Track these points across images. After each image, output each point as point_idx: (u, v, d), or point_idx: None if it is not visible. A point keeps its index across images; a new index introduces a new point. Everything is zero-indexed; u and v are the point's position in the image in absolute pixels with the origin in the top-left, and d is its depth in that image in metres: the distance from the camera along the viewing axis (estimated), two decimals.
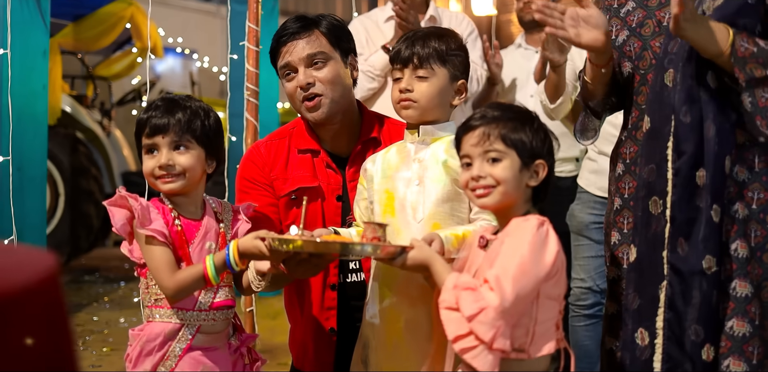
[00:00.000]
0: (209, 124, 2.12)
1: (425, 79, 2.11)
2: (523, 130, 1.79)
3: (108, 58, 7.59)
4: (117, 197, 2.02)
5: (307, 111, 2.39)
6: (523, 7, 4.03)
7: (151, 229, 1.99)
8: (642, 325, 1.93)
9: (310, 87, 2.37)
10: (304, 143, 2.47)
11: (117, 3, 6.58)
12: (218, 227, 2.14)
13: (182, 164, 2.06)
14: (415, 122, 2.16)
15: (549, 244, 1.71)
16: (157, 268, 2.00)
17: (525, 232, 1.71)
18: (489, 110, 1.84)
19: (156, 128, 2.06)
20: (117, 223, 2.01)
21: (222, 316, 2.09)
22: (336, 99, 2.38)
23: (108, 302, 5.62)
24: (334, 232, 2.15)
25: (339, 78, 2.40)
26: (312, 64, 2.38)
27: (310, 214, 2.39)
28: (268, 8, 5.01)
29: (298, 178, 2.42)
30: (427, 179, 2.10)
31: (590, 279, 3.17)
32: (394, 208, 2.13)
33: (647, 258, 1.93)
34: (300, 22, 2.42)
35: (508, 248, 1.70)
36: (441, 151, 2.11)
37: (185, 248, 2.05)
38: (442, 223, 2.06)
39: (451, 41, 2.14)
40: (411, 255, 1.82)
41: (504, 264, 1.67)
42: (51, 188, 6.25)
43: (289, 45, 2.39)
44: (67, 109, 6.63)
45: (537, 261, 1.68)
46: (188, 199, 2.12)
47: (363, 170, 2.26)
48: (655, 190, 1.92)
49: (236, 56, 3.89)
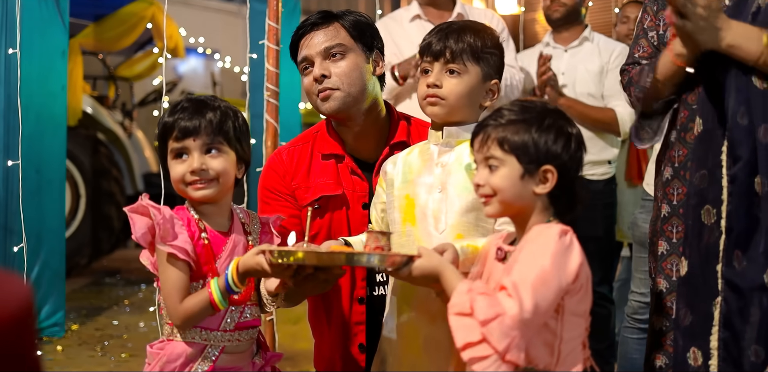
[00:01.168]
0: (239, 126, 1.97)
1: (456, 76, 1.94)
2: (527, 132, 1.60)
3: (129, 59, 7.52)
4: (138, 205, 1.87)
5: (321, 103, 2.24)
6: (550, 4, 3.89)
7: (173, 246, 1.83)
8: (694, 344, 1.77)
9: (324, 79, 2.21)
10: (328, 147, 2.31)
11: (138, 3, 6.50)
12: (246, 241, 1.98)
13: (216, 168, 1.90)
14: (440, 121, 1.99)
15: (572, 255, 1.55)
16: (168, 292, 1.85)
17: (546, 239, 1.55)
18: (499, 110, 1.67)
19: (186, 131, 1.89)
20: (138, 231, 1.85)
21: (247, 335, 1.94)
22: (353, 94, 2.22)
23: (128, 306, 5.52)
24: (345, 244, 2.00)
25: (357, 72, 2.23)
26: (329, 56, 2.23)
27: (335, 223, 2.26)
28: (289, 7, 4.89)
29: (321, 185, 2.27)
30: (450, 186, 1.93)
31: None
32: (414, 217, 1.96)
33: (699, 271, 1.77)
34: (322, 14, 2.29)
35: (528, 255, 1.54)
36: (466, 155, 1.93)
37: (212, 264, 1.90)
38: (466, 234, 1.90)
39: (487, 38, 1.98)
40: (417, 264, 1.64)
41: (523, 271, 1.51)
42: (72, 190, 6.18)
43: (307, 37, 2.26)
44: (88, 110, 6.56)
45: (559, 271, 1.51)
46: (217, 208, 1.96)
47: (383, 172, 2.11)
48: (708, 199, 1.76)
49: (256, 55, 3.78)
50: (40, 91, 4.35)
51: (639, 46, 2.17)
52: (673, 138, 2.02)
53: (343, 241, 2.02)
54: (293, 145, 2.36)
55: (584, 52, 3.84)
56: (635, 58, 2.17)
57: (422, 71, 2.00)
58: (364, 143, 2.31)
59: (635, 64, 2.16)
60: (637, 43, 2.17)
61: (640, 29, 2.18)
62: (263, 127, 3.30)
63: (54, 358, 4.12)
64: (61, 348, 4.29)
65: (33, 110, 4.27)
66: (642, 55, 2.15)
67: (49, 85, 4.42)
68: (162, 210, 1.85)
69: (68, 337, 4.54)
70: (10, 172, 3.89)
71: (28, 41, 4.16)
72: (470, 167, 1.91)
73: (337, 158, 2.30)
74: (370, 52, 2.29)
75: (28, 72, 4.18)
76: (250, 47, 3.72)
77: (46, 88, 4.40)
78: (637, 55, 2.16)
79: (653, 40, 2.14)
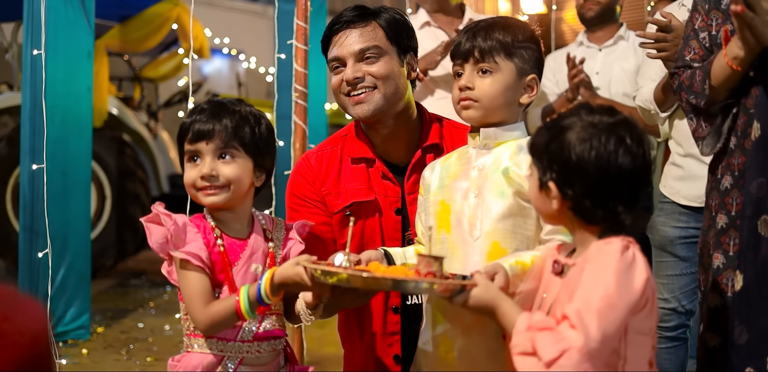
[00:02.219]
0: (259, 132, 1.89)
1: (488, 75, 1.86)
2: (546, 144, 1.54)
3: (155, 60, 7.49)
4: (154, 214, 1.82)
5: (353, 106, 2.14)
6: (584, 3, 3.80)
7: (185, 252, 1.78)
8: (751, 364, 1.68)
9: (359, 82, 2.13)
10: (358, 151, 2.22)
11: (163, 4, 6.46)
12: (267, 247, 1.91)
13: (226, 175, 1.83)
14: (477, 124, 1.91)
15: (637, 271, 1.44)
16: (190, 297, 1.78)
17: (608, 257, 1.45)
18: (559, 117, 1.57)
19: (199, 134, 1.83)
20: (154, 242, 1.79)
21: (268, 347, 1.86)
22: (387, 96, 2.13)
23: (154, 308, 5.48)
24: (384, 254, 1.92)
25: (393, 74, 2.15)
26: (363, 58, 2.14)
27: (367, 229, 2.18)
28: (316, 6, 4.83)
29: (352, 191, 2.19)
30: (486, 190, 1.84)
31: (675, 299, 2.86)
32: (449, 223, 1.88)
33: (756, 287, 1.67)
34: (358, 10, 2.18)
35: (590, 277, 1.44)
36: (505, 158, 1.85)
37: (228, 271, 1.83)
38: (503, 242, 1.81)
39: (518, 32, 1.88)
40: (474, 294, 1.55)
41: (586, 296, 1.41)
42: (97, 191, 6.18)
43: (341, 34, 2.16)
44: (114, 111, 6.54)
45: (624, 291, 1.41)
46: (234, 215, 1.89)
47: (422, 178, 2.03)
48: (765, 209, 1.66)
49: (284, 56, 3.72)
50: (66, 93, 4.33)
51: (690, 48, 2.06)
52: (732, 144, 1.92)
53: (383, 251, 1.93)
54: (321, 149, 2.27)
55: (619, 51, 3.74)
56: (686, 61, 2.07)
57: (455, 74, 1.92)
58: (395, 146, 2.23)
59: (686, 67, 2.06)
60: (688, 45, 2.07)
61: (690, 30, 2.08)
62: (291, 129, 3.24)
63: (79, 361, 4.08)
64: (86, 351, 4.25)
65: (59, 112, 4.25)
66: (693, 58, 2.05)
67: (75, 87, 4.40)
68: (174, 217, 1.80)
69: (93, 340, 4.50)
70: (35, 174, 3.86)
71: (54, 42, 4.14)
72: (507, 171, 1.83)
73: (368, 162, 2.21)
74: (405, 55, 2.21)
75: (53, 73, 4.16)
76: (278, 47, 3.66)
77: (72, 89, 4.37)
78: (688, 57, 2.06)
79: (704, 42, 2.04)
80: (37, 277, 4.08)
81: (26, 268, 4.13)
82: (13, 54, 6.53)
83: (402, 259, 1.95)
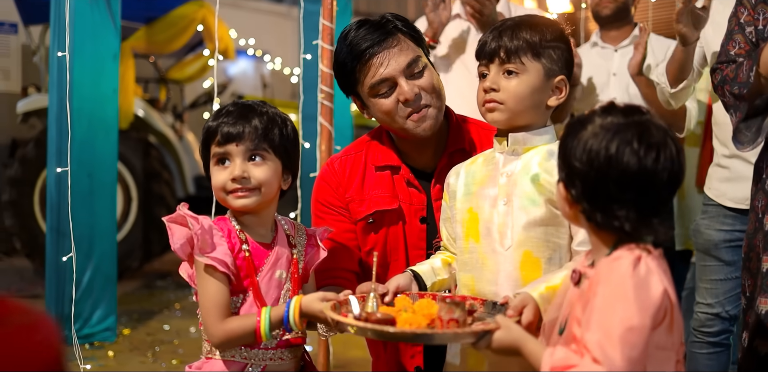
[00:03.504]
0: (287, 134, 1.87)
1: (514, 76, 1.80)
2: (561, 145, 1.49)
3: (180, 61, 7.53)
4: (177, 215, 1.79)
5: (415, 124, 2.07)
6: (600, 0, 3.68)
7: (211, 258, 1.75)
8: None
9: (419, 99, 2.06)
10: (383, 158, 2.18)
11: (189, 5, 6.50)
12: (290, 253, 1.89)
13: (257, 177, 1.82)
14: (503, 127, 1.85)
15: (653, 284, 1.37)
16: (207, 308, 1.76)
17: (620, 276, 1.37)
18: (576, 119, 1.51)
19: (229, 135, 1.81)
20: (176, 242, 1.77)
21: (291, 354, 1.85)
22: (441, 108, 2.11)
23: (179, 310, 5.51)
24: (414, 276, 1.87)
25: (438, 84, 2.11)
26: (413, 73, 2.06)
27: (390, 238, 2.14)
28: (341, 6, 4.82)
29: (376, 199, 2.15)
30: (515, 197, 1.79)
31: (719, 304, 2.80)
32: (478, 232, 1.83)
33: None
34: (375, 29, 2.07)
35: (604, 301, 1.36)
36: (534, 164, 1.80)
37: (253, 277, 1.81)
38: (535, 251, 1.76)
39: (546, 31, 1.82)
40: (497, 338, 1.50)
41: (604, 323, 1.34)
42: (123, 193, 6.22)
43: (380, 56, 2.04)
44: (140, 112, 6.58)
45: (643, 310, 1.34)
46: (259, 219, 1.88)
47: (446, 184, 1.98)
48: None
49: (309, 56, 3.71)
50: (92, 95, 4.36)
51: (734, 42, 2.01)
52: None
53: (412, 274, 1.88)
54: (346, 154, 2.24)
55: None
56: (730, 56, 2.01)
57: (480, 75, 1.87)
58: (421, 152, 2.19)
59: (730, 62, 2.00)
60: (732, 39, 2.01)
61: (734, 24, 2.02)
62: (317, 131, 3.22)
63: (105, 363, 4.10)
64: (112, 353, 4.27)
65: (85, 114, 4.27)
66: (738, 53, 2.00)
67: (101, 89, 4.42)
68: (200, 220, 1.77)
69: (119, 342, 4.52)
70: (62, 176, 3.89)
71: (80, 45, 4.17)
72: (537, 178, 1.78)
73: (393, 169, 2.17)
74: (428, 56, 2.16)
75: (80, 75, 4.19)
76: (303, 48, 3.66)
77: (98, 91, 4.40)
78: (733, 52, 2.01)
79: (751, 36, 1.98)
80: (63, 279, 4.11)
81: (53, 270, 4.16)
82: (40, 56, 6.59)
83: (431, 277, 1.91)
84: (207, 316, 1.76)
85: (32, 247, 6.00)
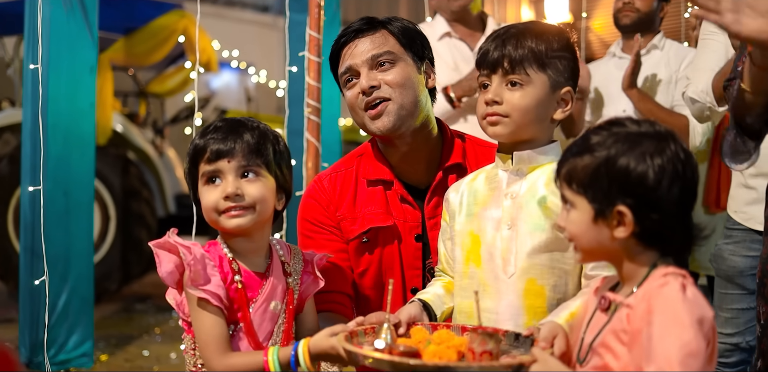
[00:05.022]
0: (280, 150, 1.85)
1: (518, 88, 1.76)
2: (596, 163, 1.42)
3: (161, 74, 7.52)
4: (165, 241, 1.75)
5: (371, 120, 2.08)
6: (621, 7, 3.68)
7: (205, 291, 1.72)
8: None
9: (374, 90, 2.06)
10: (374, 172, 2.17)
11: (169, 15, 6.50)
12: (286, 284, 1.86)
13: (252, 194, 1.78)
14: (506, 142, 1.82)
15: (704, 308, 1.37)
16: (205, 342, 1.73)
17: (673, 303, 1.36)
18: (588, 135, 1.47)
19: (220, 152, 1.77)
20: (164, 270, 1.74)
21: None
22: (406, 105, 2.07)
23: (160, 335, 5.46)
24: (423, 306, 1.82)
25: (410, 82, 2.09)
26: (377, 65, 2.09)
27: (386, 257, 2.12)
28: (329, 16, 4.82)
29: (370, 216, 2.13)
30: (520, 222, 1.76)
31: (739, 335, 2.73)
32: (479, 257, 1.79)
33: None
34: (366, 20, 2.15)
35: (662, 330, 1.34)
36: (540, 185, 1.77)
37: (245, 310, 1.78)
38: (540, 279, 1.74)
39: (553, 39, 1.79)
40: (534, 370, 1.45)
41: (664, 352, 1.33)
42: (101, 212, 6.18)
43: (351, 45, 2.12)
44: (118, 128, 6.56)
45: (700, 334, 1.34)
46: (253, 244, 1.84)
47: (446, 201, 1.95)
48: None
49: (295, 68, 3.70)
50: (68, 109, 4.33)
51: (743, 59, 1.94)
52: None
53: (421, 304, 1.83)
54: (335, 170, 2.22)
55: (652, 61, 3.66)
56: (737, 72, 1.97)
57: (481, 86, 1.83)
58: (414, 166, 2.17)
59: (737, 78, 1.96)
60: (743, 54, 1.95)
61: None
62: (303, 147, 3.19)
63: None
64: None
65: (60, 129, 4.25)
66: None
67: (78, 103, 4.40)
68: (192, 249, 1.73)
69: (97, 369, 4.48)
70: (36, 194, 3.86)
71: (56, 56, 4.15)
72: (544, 201, 1.74)
73: (385, 184, 2.16)
74: (421, 63, 2.16)
75: (55, 89, 4.17)
76: (289, 60, 3.64)
77: (74, 105, 4.37)
78: (741, 68, 1.95)
79: None
80: (38, 302, 4.06)
81: (27, 293, 4.12)
82: (14, 69, 6.57)
83: (440, 306, 1.87)
84: (206, 351, 1.73)
85: (6, 269, 5.95)
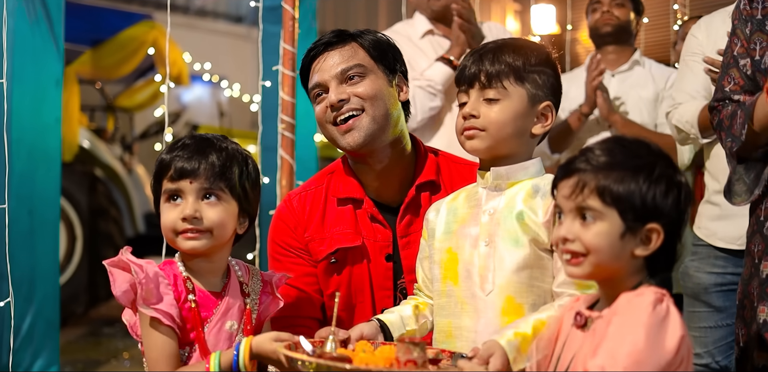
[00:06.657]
0: (247, 173, 1.88)
1: (495, 102, 1.82)
2: (633, 181, 1.46)
3: (129, 88, 7.54)
4: (119, 260, 1.79)
5: (341, 135, 2.10)
6: (600, 17, 3.71)
7: (156, 310, 1.76)
8: None
9: (344, 103, 2.09)
10: (344, 190, 2.19)
11: (138, 26, 6.54)
12: (243, 303, 1.89)
13: (210, 218, 1.82)
14: (484, 157, 1.87)
15: (670, 327, 1.41)
16: (155, 360, 1.77)
17: (639, 310, 1.41)
18: (598, 149, 1.51)
19: (183, 171, 1.81)
20: (118, 289, 1.77)
21: None
22: (377, 118, 2.10)
23: (128, 359, 5.46)
24: (379, 325, 1.87)
25: (381, 94, 2.12)
26: (347, 79, 2.12)
27: (355, 278, 2.15)
28: (304, 28, 4.85)
29: (338, 236, 2.16)
30: (498, 238, 1.80)
31: (708, 354, 2.77)
32: (457, 274, 1.83)
33: None
34: (336, 32, 2.18)
35: (617, 332, 1.41)
36: (518, 201, 1.81)
37: (199, 330, 1.81)
38: (518, 297, 1.77)
39: (531, 54, 1.85)
40: None
41: (612, 351, 1.38)
42: (67, 231, 6.17)
43: (320, 59, 2.15)
44: (85, 143, 6.56)
45: (654, 349, 1.38)
46: (210, 264, 1.88)
47: (425, 221, 1.99)
48: None
49: (269, 83, 3.71)
50: (33, 124, 4.32)
51: (729, 78, 2.01)
52: None
53: (378, 323, 1.88)
54: (305, 189, 2.25)
55: (635, 78, 3.69)
56: (725, 93, 2.01)
57: (459, 103, 1.89)
58: (386, 184, 2.20)
59: (726, 100, 2.01)
60: (727, 74, 2.01)
61: (729, 57, 2.02)
62: (277, 164, 3.21)
63: None
64: None
65: (25, 145, 4.24)
66: (733, 89, 2.00)
67: (42, 118, 4.39)
68: (145, 267, 1.77)
69: None
70: (1, 213, 3.85)
71: (19, 69, 4.14)
72: (522, 216, 1.78)
73: (355, 203, 2.18)
74: (393, 76, 2.19)
75: (19, 103, 4.16)
76: (263, 74, 3.65)
77: (39, 120, 4.37)
78: (728, 88, 2.01)
79: (745, 69, 1.97)
80: (1, 325, 4.06)
81: None
82: None
83: (400, 329, 1.90)
84: (154, 369, 1.77)
85: None
